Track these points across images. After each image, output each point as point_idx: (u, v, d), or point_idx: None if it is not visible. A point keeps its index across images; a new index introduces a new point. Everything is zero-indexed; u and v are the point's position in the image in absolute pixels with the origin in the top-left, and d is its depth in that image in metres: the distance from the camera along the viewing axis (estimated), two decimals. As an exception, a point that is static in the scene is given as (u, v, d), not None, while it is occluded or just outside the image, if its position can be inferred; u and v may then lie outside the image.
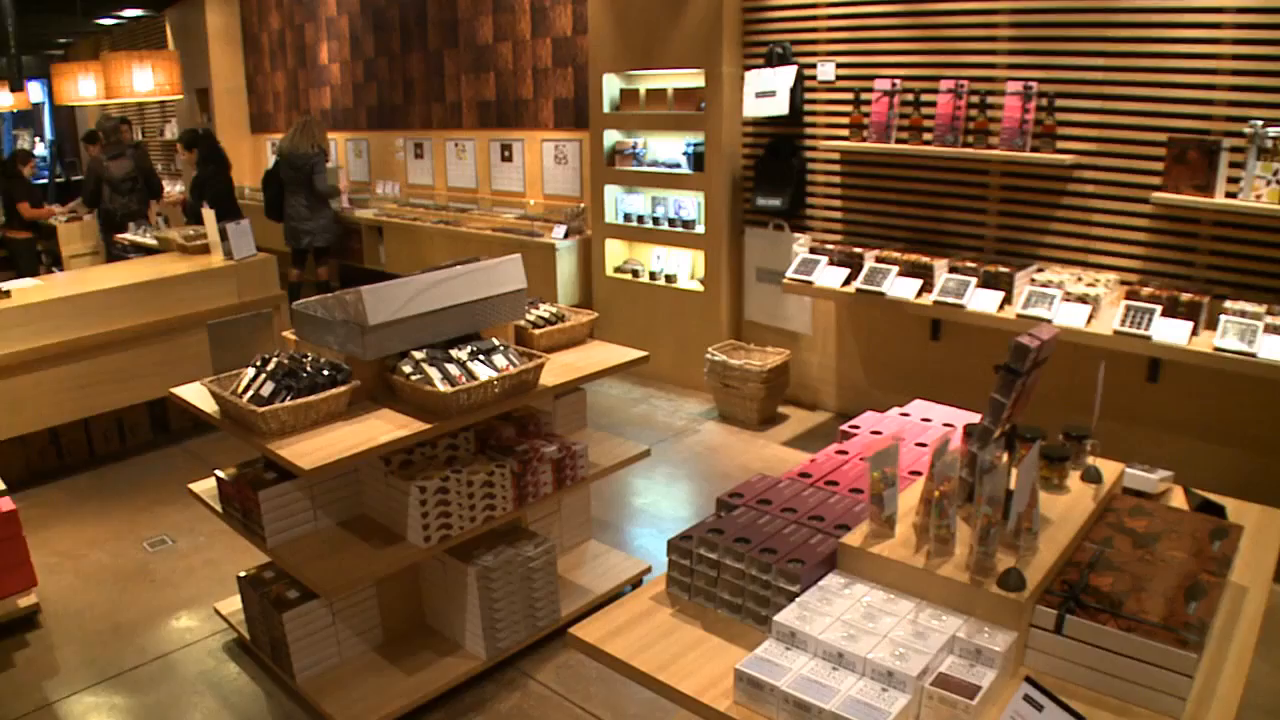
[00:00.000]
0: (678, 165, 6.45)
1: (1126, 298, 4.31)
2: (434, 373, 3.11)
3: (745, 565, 2.02)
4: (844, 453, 2.63)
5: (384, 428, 3.06)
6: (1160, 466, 2.67)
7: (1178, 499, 2.51)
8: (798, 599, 1.92)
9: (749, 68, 5.85)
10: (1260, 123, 4.15)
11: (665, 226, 6.54)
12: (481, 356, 3.25)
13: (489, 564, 3.30)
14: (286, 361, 3.17)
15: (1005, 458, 2.06)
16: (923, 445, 2.67)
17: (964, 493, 2.04)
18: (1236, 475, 4.55)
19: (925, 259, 4.89)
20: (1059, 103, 4.73)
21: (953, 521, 1.92)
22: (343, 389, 3.11)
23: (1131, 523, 2.16)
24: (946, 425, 2.71)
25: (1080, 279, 4.59)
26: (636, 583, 3.98)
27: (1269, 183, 4.16)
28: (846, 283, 5.12)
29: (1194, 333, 4.17)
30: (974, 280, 4.65)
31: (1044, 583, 1.88)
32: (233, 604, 3.76)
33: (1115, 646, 1.77)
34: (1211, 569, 1.99)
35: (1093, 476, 2.26)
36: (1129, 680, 1.77)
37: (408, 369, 3.16)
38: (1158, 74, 4.52)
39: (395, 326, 3.15)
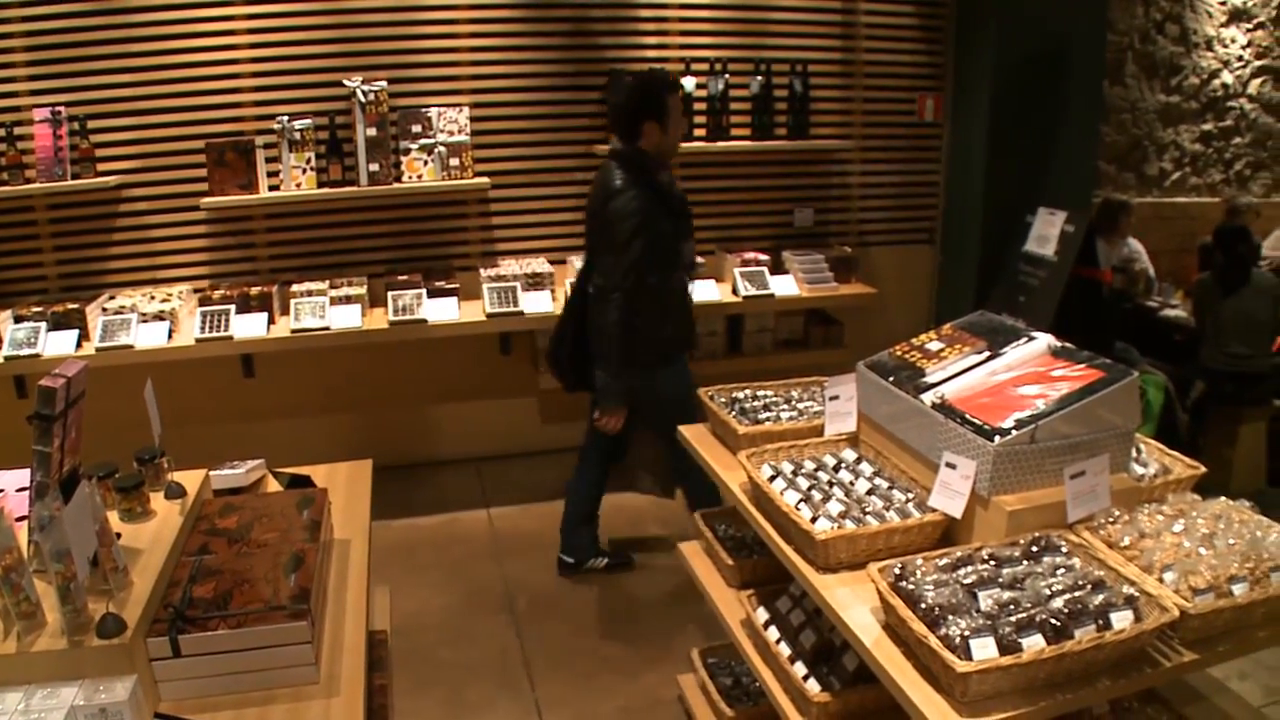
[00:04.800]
0: None
1: (201, 304, 4.42)
2: None
3: None
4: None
5: None
6: (261, 456, 2.83)
7: (273, 484, 2.71)
8: None
9: None
10: (287, 118, 4.58)
11: None
12: None
13: None
14: None
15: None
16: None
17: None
18: (336, 440, 5.08)
19: (-15, 315, 4.35)
20: (94, 124, 4.54)
21: (31, 591, 1.78)
22: None
23: (224, 523, 2.25)
24: (20, 490, 2.47)
25: (154, 297, 4.56)
26: None
27: (304, 170, 4.63)
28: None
29: (271, 321, 4.48)
30: (45, 325, 4.30)
31: (148, 614, 1.86)
32: None
33: (233, 645, 1.85)
34: (304, 537, 2.19)
35: (175, 492, 2.28)
36: (262, 669, 1.87)
37: None
38: (187, 84, 4.64)
39: None
